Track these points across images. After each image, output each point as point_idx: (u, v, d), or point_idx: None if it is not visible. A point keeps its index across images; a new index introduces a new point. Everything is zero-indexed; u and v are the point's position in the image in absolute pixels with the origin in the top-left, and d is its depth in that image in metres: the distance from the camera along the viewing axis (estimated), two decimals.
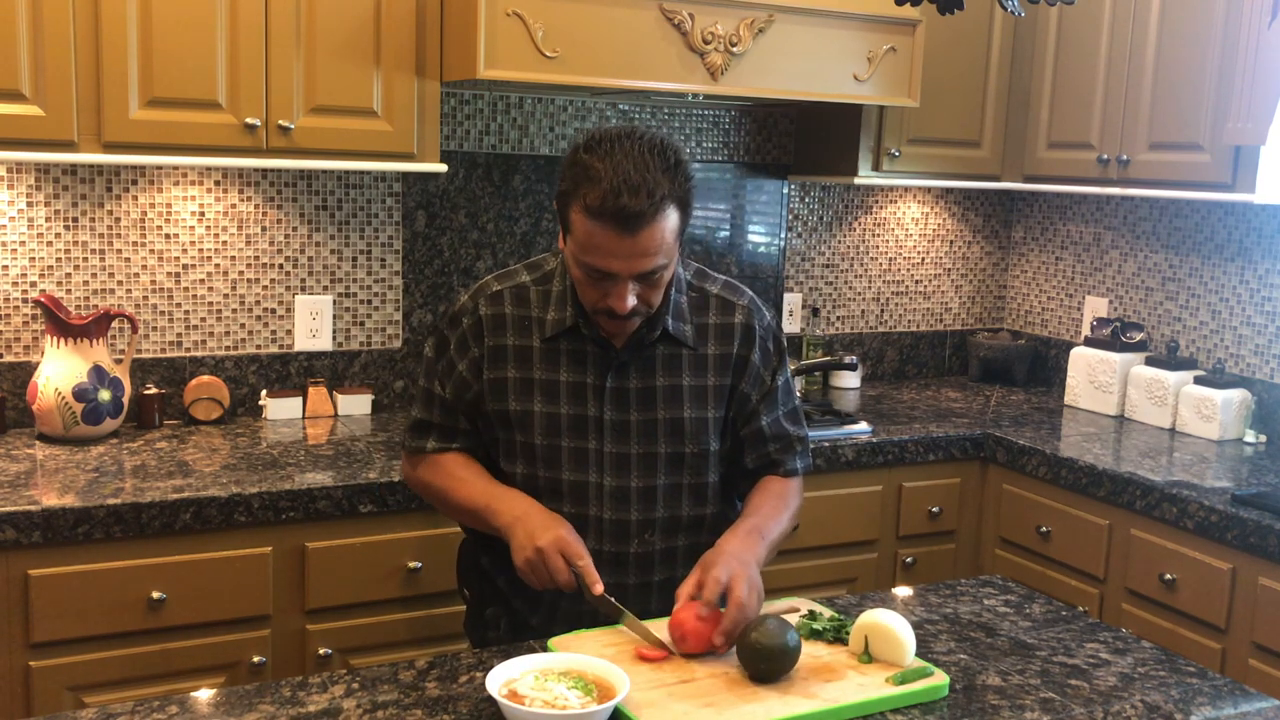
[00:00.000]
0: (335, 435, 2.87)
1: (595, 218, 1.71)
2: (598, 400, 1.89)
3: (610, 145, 1.73)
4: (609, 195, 1.69)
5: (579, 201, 1.73)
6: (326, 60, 2.63)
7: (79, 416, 2.63)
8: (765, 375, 1.98)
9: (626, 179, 1.69)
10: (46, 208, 2.77)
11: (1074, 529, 2.93)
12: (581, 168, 1.74)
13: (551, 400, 1.90)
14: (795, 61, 2.93)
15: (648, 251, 1.74)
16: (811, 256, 3.74)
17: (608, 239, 1.72)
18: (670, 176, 1.73)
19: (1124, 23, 3.17)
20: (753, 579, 1.73)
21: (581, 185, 1.73)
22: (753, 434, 1.98)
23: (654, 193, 1.70)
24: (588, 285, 1.80)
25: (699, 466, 1.94)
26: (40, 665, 2.25)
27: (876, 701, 1.59)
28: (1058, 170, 3.40)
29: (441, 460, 1.97)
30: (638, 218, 1.70)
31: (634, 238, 1.72)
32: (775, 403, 1.99)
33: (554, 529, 1.77)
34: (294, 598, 2.45)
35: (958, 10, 1.69)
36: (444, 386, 1.95)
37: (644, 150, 1.72)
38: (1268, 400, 3.18)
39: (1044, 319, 3.95)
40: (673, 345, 1.92)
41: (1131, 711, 1.62)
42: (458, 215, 3.20)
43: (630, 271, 1.75)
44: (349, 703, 1.55)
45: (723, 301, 1.97)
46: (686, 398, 1.92)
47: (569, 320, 1.89)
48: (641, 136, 1.75)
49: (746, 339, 1.96)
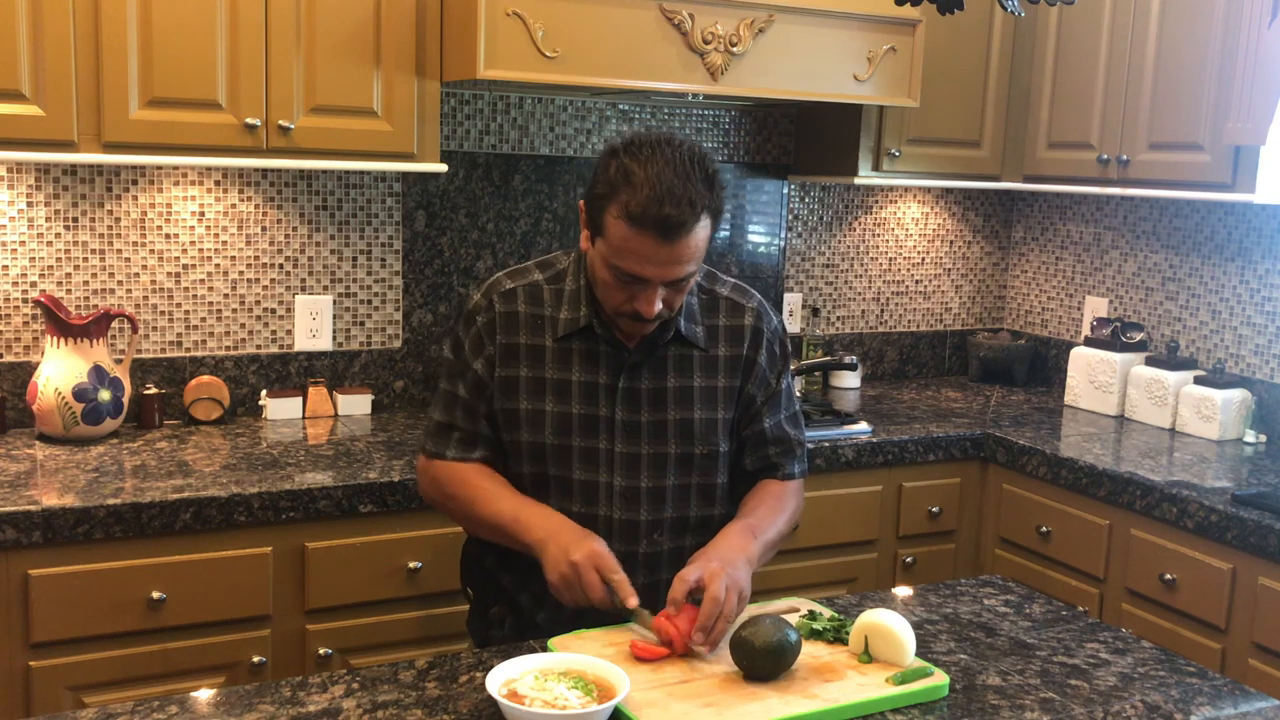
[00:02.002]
0: (335, 435, 2.87)
1: (636, 224, 1.72)
2: (609, 400, 1.90)
3: (651, 151, 1.73)
4: (651, 203, 1.70)
5: (618, 206, 1.73)
6: (326, 60, 2.63)
7: (79, 416, 2.63)
8: (771, 378, 1.99)
9: (671, 188, 1.70)
10: (46, 208, 2.77)
11: (1074, 529, 2.93)
12: (622, 172, 1.73)
13: (563, 400, 1.90)
14: (795, 61, 2.93)
15: (682, 259, 1.75)
16: (811, 256, 3.74)
17: (646, 245, 1.73)
18: (709, 187, 1.75)
19: (1124, 23, 3.17)
20: (733, 576, 1.71)
21: (622, 190, 1.73)
22: (754, 435, 1.99)
23: (695, 203, 1.72)
24: (615, 288, 1.80)
25: (708, 467, 1.95)
26: (40, 665, 2.25)
27: (876, 701, 1.59)
28: (1058, 170, 3.40)
29: (463, 471, 1.93)
30: (679, 227, 1.71)
31: (672, 246, 1.73)
32: (778, 405, 2.00)
33: (587, 543, 1.75)
34: (294, 598, 2.45)
35: (958, 10, 1.69)
36: (465, 388, 1.94)
37: (685, 159, 1.73)
38: (1268, 400, 3.18)
39: (1044, 319, 3.95)
40: (684, 346, 1.93)
41: (1131, 711, 1.62)
42: (458, 215, 3.20)
43: (663, 278, 1.76)
44: (349, 703, 1.55)
45: (732, 304, 1.98)
46: (697, 399, 1.93)
47: (583, 320, 1.89)
48: (681, 145, 1.76)
49: (755, 341, 1.97)
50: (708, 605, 1.67)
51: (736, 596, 1.71)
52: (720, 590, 1.68)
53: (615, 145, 1.78)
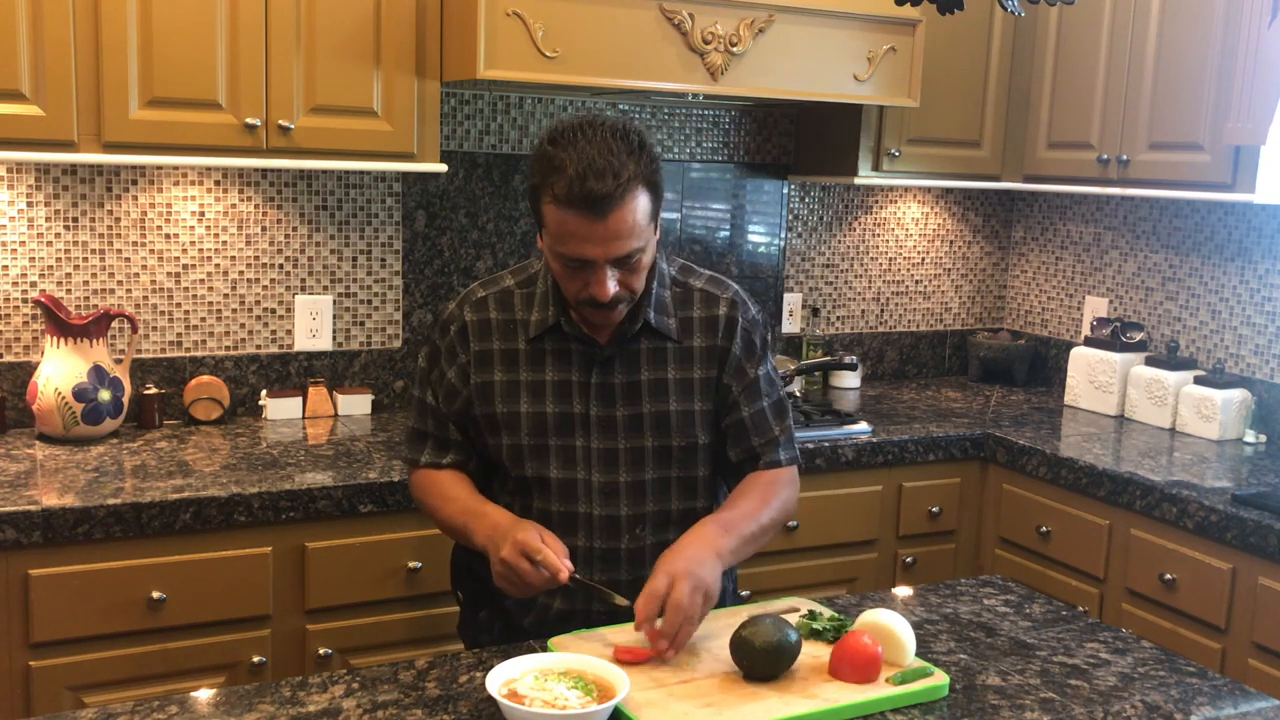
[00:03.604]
0: (335, 435, 2.87)
1: (564, 205, 1.73)
2: (583, 397, 1.90)
3: (573, 134, 1.74)
4: (575, 181, 1.70)
5: (547, 193, 1.75)
6: (326, 60, 2.63)
7: (79, 416, 2.63)
8: (747, 367, 1.96)
9: (591, 164, 1.70)
10: (46, 208, 2.77)
11: (1074, 529, 2.93)
12: (546, 159, 1.75)
13: (538, 400, 1.90)
14: (795, 61, 2.93)
15: (620, 234, 1.75)
16: (811, 256, 3.74)
17: (579, 225, 1.73)
18: (636, 158, 1.74)
19: (1124, 23, 3.17)
20: (698, 576, 1.69)
21: (549, 176, 1.74)
22: (734, 425, 1.97)
23: (620, 174, 1.72)
24: (568, 277, 1.81)
25: (687, 460, 1.94)
26: (40, 665, 2.25)
27: (876, 701, 1.59)
28: (1058, 170, 3.40)
29: (435, 477, 1.98)
30: (605, 200, 1.71)
31: (605, 221, 1.73)
32: (757, 394, 1.97)
33: (511, 534, 1.76)
34: (294, 598, 2.45)
35: (958, 10, 1.70)
36: (435, 395, 1.97)
37: (606, 135, 1.74)
38: (1268, 400, 3.18)
39: (1044, 319, 3.95)
40: (657, 339, 1.92)
41: (1131, 711, 1.62)
42: (458, 215, 3.20)
43: (606, 255, 1.76)
44: (349, 703, 1.55)
45: (706, 295, 1.97)
46: (672, 390, 1.92)
47: (551, 319, 1.90)
48: (603, 123, 1.76)
49: (729, 331, 1.95)
50: (670, 614, 1.65)
51: (702, 597, 1.68)
52: (683, 596, 1.65)
53: (542, 136, 1.79)
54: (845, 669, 1.63)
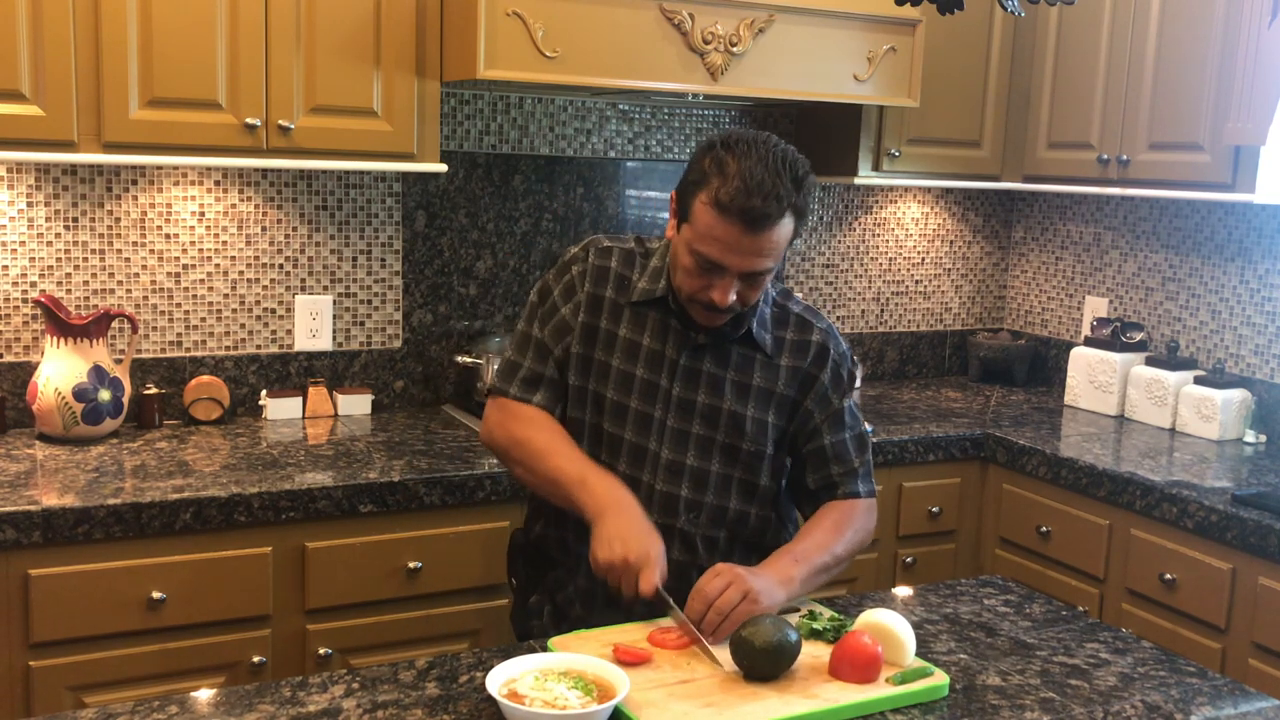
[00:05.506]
0: (335, 435, 2.87)
1: (722, 211, 1.78)
2: (670, 373, 1.95)
3: (747, 146, 1.80)
4: (740, 193, 1.76)
5: (708, 193, 1.79)
6: (326, 60, 2.63)
7: (79, 416, 2.63)
8: (833, 397, 2.01)
9: (760, 182, 1.76)
10: (46, 208, 2.77)
11: (1074, 529, 2.93)
12: (717, 162, 1.80)
13: (630, 359, 1.96)
14: (795, 61, 2.93)
15: (762, 252, 1.81)
16: (811, 256, 3.74)
17: (728, 233, 1.78)
18: (798, 187, 1.80)
19: (1124, 23, 3.17)
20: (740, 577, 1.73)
21: (713, 178, 1.79)
22: (815, 453, 2.01)
23: (782, 199, 1.78)
24: (694, 274, 1.85)
25: (753, 465, 1.98)
26: (40, 665, 2.25)
27: (876, 701, 1.59)
28: (1058, 170, 3.40)
29: (531, 416, 1.97)
30: (763, 219, 1.77)
31: (754, 238, 1.78)
32: (841, 424, 2.02)
33: (647, 545, 1.76)
34: (294, 598, 2.45)
35: (958, 10, 1.70)
36: (542, 329, 2.00)
37: (777, 158, 1.79)
38: (1268, 400, 3.18)
39: (1044, 319, 3.95)
40: (749, 347, 1.98)
41: (1131, 711, 1.62)
42: (458, 215, 3.20)
43: (741, 268, 1.82)
44: (349, 703, 1.55)
45: (801, 321, 2.03)
46: (753, 397, 1.97)
47: (658, 292, 1.95)
48: (776, 144, 1.82)
49: (820, 358, 2.01)
50: (693, 600, 1.71)
51: (739, 594, 1.71)
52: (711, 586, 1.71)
53: (714, 139, 1.85)
54: (845, 669, 1.63)
